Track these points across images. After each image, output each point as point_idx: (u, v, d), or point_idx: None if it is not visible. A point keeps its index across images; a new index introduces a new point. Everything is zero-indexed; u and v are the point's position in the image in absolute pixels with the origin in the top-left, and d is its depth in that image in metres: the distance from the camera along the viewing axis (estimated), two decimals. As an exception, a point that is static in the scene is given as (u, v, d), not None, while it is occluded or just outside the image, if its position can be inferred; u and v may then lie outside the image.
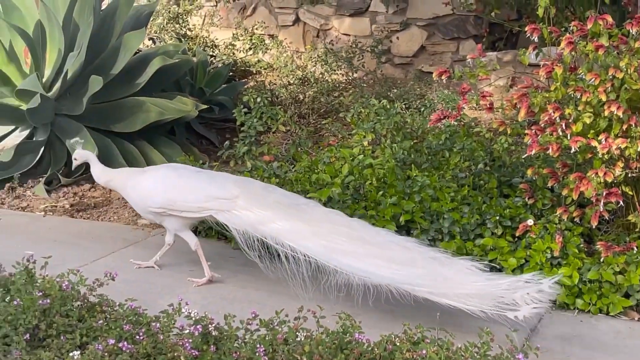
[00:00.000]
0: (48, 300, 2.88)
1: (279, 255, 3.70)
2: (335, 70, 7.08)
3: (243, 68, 7.90)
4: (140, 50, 6.06)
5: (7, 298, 2.90)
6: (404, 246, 3.72)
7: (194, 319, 2.82)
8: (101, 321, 2.87)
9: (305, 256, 3.63)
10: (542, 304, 3.45)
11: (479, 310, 3.42)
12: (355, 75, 7.34)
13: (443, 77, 4.19)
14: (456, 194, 4.35)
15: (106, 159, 5.29)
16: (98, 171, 4.19)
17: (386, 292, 3.50)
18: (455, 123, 4.70)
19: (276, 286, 3.85)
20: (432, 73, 7.41)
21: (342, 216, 3.88)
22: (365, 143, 5.00)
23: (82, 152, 4.29)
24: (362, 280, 3.53)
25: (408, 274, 3.54)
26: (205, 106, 5.79)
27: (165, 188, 3.96)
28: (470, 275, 3.56)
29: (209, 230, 4.54)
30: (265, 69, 7.84)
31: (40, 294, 2.92)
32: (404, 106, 6.05)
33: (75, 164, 4.33)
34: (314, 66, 7.15)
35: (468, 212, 4.20)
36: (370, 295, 3.50)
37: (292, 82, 6.90)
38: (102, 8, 5.89)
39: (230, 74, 7.16)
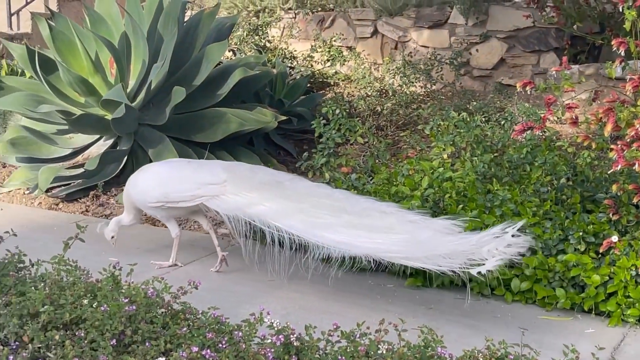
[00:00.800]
0: (134, 307, 2.93)
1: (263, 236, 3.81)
2: (413, 83, 7.06)
3: (321, 80, 7.93)
4: (222, 62, 6.13)
5: (95, 304, 2.95)
6: (383, 211, 3.77)
7: (276, 328, 2.84)
8: (185, 329, 2.90)
9: (289, 234, 3.73)
10: (506, 256, 3.48)
11: (448, 270, 3.48)
12: (433, 87, 7.31)
13: (527, 89, 4.14)
14: (538, 208, 4.30)
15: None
16: (124, 219, 4.40)
17: (367, 261, 3.66)
18: (540, 134, 4.64)
19: (357, 298, 3.87)
20: (512, 86, 7.41)
21: (325, 187, 4.00)
22: (445, 156, 4.98)
23: (105, 229, 4.39)
24: (342, 252, 3.64)
25: (385, 241, 3.59)
26: (284, 117, 5.83)
27: (160, 182, 4.15)
28: (447, 235, 3.60)
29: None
30: (343, 80, 7.87)
31: (126, 300, 2.97)
32: (483, 119, 6.00)
33: (112, 241, 4.42)
34: (393, 78, 7.14)
35: (550, 227, 4.14)
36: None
37: (370, 94, 6.90)
38: (185, 20, 5.99)
39: (308, 85, 7.20)
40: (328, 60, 7.64)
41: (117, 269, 3.27)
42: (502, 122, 5.66)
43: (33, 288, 3.10)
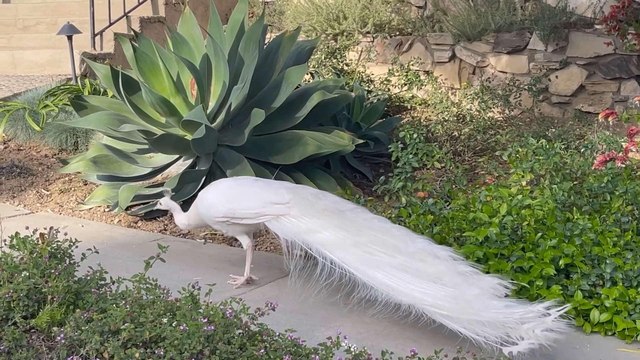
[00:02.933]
0: (212, 327, 2.96)
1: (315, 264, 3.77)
2: (491, 108, 7.01)
3: (397, 103, 7.94)
4: (300, 85, 6.18)
5: (174, 323, 2.99)
6: (436, 256, 3.67)
7: (353, 353, 2.83)
8: (262, 350, 2.92)
9: (341, 268, 3.71)
10: (541, 341, 3.31)
11: (483, 340, 3.34)
12: (511, 113, 7.24)
13: (610, 119, 4.08)
14: (619, 239, 4.22)
15: (264, 190, 5.43)
16: (182, 218, 4.49)
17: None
18: (622, 165, 4.56)
19: (432, 324, 3.84)
20: (591, 113, 7.30)
21: (384, 222, 3.90)
22: (524, 183, 4.92)
23: (169, 202, 4.56)
24: (389, 297, 3.59)
25: (433, 293, 3.51)
26: (361, 141, 5.84)
27: (227, 198, 4.20)
28: (491, 299, 3.46)
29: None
30: (419, 105, 7.85)
31: (205, 320, 3.00)
32: (562, 146, 5.92)
33: (157, 206, 4.61)
34: (470, 103, 7.10)
35: (631, 258, 4.06)
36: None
37: (447, 118, 6.87)
38: (265, 43, 6.06)
39: (385, 109, 7.20)
40: (405, 84, 7.64)
41: (196, 289, 3.31)
42: (582, 150, 5.57)
43: (114, 305, 3.15)
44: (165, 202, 4.58)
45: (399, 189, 5.22)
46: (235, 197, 4.21)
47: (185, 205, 5.52)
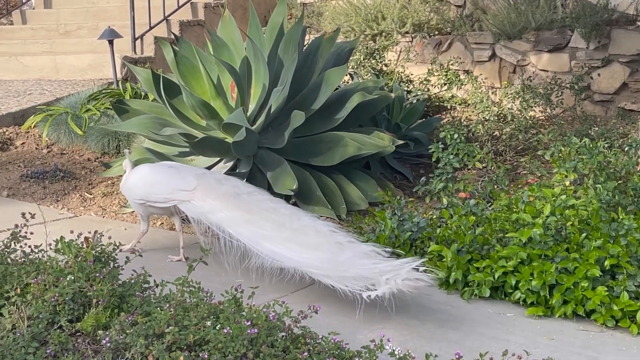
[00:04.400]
0: (255, 330, 2.97)
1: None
2: (532, 107, 6.95)
3: (437, 103, 7.90)
4: (339, 86, 6.17)
5: (218, 326, 3.00)
6: (318, 230, 4.19)
7: (397, 356, 2.82)
8: (305, 353, 2.92)
9: (237, 240, 4.22)
10: (400, 287, 3.76)
11: (348, 290, 3.83)
12: (553, 112, 7.17)
13: (655, 116, 4.02)
14: (665, 238, 4.16)
15: (304, 192, 5.45)
16: (122, 184, 4.86)
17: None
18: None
19: (476, 326, 3.82)
20: (634, 111, 7.21)
21: (276, 202, 4.45)
22: (567, 183, 4.87)
23: (127, 164, 4.88)
24: (276, 263, 4.06)
25: (311, 257, 4.00)
26: (402, 142, 5.82)
27: (144, 183, 4.68)
28: (361, 259, 3.95)
29: (405, 266, 4.54)
30: (459, 104, 7.81)
31: (248, 323, 3.01)
32: (605, 145, 5.85)
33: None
34: (512, 102, 7.04)
35: (678, 259, 4.00)
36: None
37: (488, 118, 6.82)
38: (304, 45, 6.06)
39: (425, 109, 7.17)
40: (445, 84, 7.60)
41: (239, 292, 3.32)
42: (626, 149, 5.50)
43: (158, 309, 3.18)
44: (125, 163, 4.89)
45: (440, 190, 5.19)
46: (150, 183, 4.67)
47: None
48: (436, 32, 8.79)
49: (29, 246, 3.72)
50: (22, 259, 3.63)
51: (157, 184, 4.64)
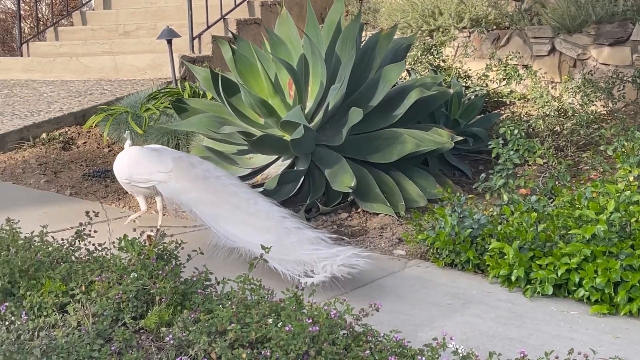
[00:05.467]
0: (317, 328, 2.97)
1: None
2: (593, 102, 6.84)
3: (495, 99, 7.82)
4: (397, 83, 6.14)
5: (279, 323, 3.01)
6: (268, 214, 4.52)
7: (460, 354, 2.80)
8: (367, 351, 2.92)
9: (201, 220, 4.54)
10: (336, 273, 3.97)
11: (289, 274, 4.03)
12: (615, 106, 7.05)
13: None
14: None
15: (363, 189, 5.45)
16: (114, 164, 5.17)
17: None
18: None
19: (538, 324, 3.77)
20: (700, 104, 7.03)
21: (239, 187, 4.76)
22: (631, 178, 4.78)
23: (126, 144, 5.16)
24: (229, 243, 4.33)
25: (260, 239, 4.06)
26: (460, 138, 5.76)
27: (129, 164, 4.97)
28: (305, 244, 4.21)
29: (466, 263, 4.51)
30: (518, 99, 7.72)
31: (309, 321, 3.01)
32: (670, 139, 5.73)
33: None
34: (572, 97, 6.94)
35: None
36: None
37: (548, 113, 6.73)
38: (362, 41, 6.05)
39: (483, 104, 7.10)
40: (503, 79, 7.52)
41: (300, 289, 3.32)
42: (692, 144, 5.38)
43: (220, 306, 3.20)
44: (125, 145, 5.17)
45: (501, 187, 5.14)
46: (133, 164, 4.96)
47: (284, 205, 5.57)
48: (494, 27, 8.70)
49: (93, 244, 3.78)
50: (87, 257, 3.69)
51: (139, 165, 4.93)
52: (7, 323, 3.07)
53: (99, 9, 11.42)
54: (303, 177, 5.71)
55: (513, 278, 4.21)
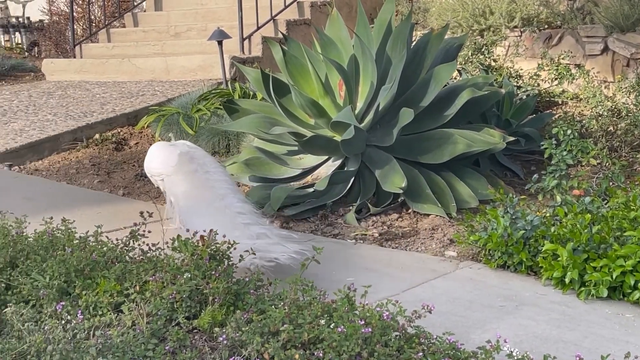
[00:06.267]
0: (369, 329, 2.96)
1: None
2: (648, 101, 6.73)
3: (547, 99, 7.73)
4: (448, 83, 6.11)
5: (332, 324, 3.01)
6: (225, 208, 4.63)
7: (515, 357, 2.77)
8: (420, 353, 2.90)
9: (180, 212, 4.66)
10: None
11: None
12: (671, 106, 6.92)
13: None
14: None
15: (413, 190, 5.43)
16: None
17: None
18: None
19: (593, 327, 3.72)
20: None
21: (219, 182, 4.82)
22: (687, 179, 4.70)
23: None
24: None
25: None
26: (512, 138, 5.71)
27: (148, 159, 5.05)
28: (245, 239, 4.21)
29: (518, 265, 4.47)
30: (571, 99, 7.63)
31: (362, 322, 3.01)
32: None
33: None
34: (627, 96, 6.83)
35: None
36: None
37: (601, 113, 6.64)
38: (412, 41, 6.03)
39: (535, 104, 7.03)
40: (555, 79, 7.43)
41: (352, 290, 3.32)
42: None
43: (272, 307, 3.21)
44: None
45: (554, 187, 5.08)
46: (151, 160, 5.04)
47: (335, 205, 5.58)
48: (546, 26, 8.61)
49: (147, 244, 3.82)
50: (141, 257, 3.73)
51: (154, 160, 5.04)
52: (63, 322, 3.11)
53: (151, 10, 11.54)
54: (353, 178, 5.71)
55: (567, 280, 4.16)
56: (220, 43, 8.06)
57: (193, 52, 9.64)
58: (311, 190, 5.63)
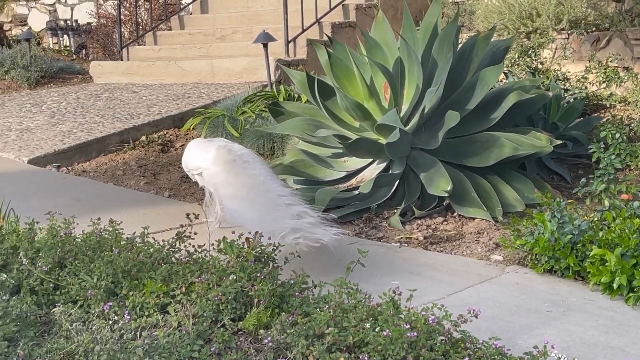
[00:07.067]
0: (414, 333, 2.95)
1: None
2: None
3: (595, 102, 7.64)
4: (494, 86, 6.06)
5: (377, 328, 3.00)
6: (267, 192, 4.76)
7: (562, 364, 2.74)
8: (466, 358, 2.89)
9: (221, 200, 4.88)
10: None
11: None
12: None
13: None
14: None
15: (459, 193, 5.40)
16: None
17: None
18: None
19: (642, 334, 3.67)
20: None
21: (258, 170, 4.95)
22: None
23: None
24: (231, 219, 4.67)
25: (252, 214, 4.55)
26: (559, 142, 5.65)
27: (185, 154, 5.30)
28: (287, 219, 4.46)
29: (566, 270, 4.42)
30: (619, 102, 7.53)
31: (407, 326, 3.00)
32: None
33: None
34: (676, 100, 6.74)
35: None
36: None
37: (650, 116, 6.55)
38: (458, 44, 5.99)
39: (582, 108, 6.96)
40: (603, 82, 7.35)
41: (397, 294, 3.31)
42: None
43: (317, 309, 3.21)
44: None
45: (602, 192, 5.02)
46: (188, 154, 5.28)
47: (379, 208, 5.57)
48: (593, 29, 8.51)
49: (193, 246, 3.84)
50: (187, 259, 3.75)
51: (191, 154, 5.24)
52: (110, 322, 3.15)
53: (197, 13, 11.63)
54: (398, 181, 5.69)
55: (615, 286, 4.10)
56: (265, 46, 8.09)
57: (238, 54, 9.69)
58: (356, 192, 5.62)
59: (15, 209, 4.35)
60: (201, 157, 5.14)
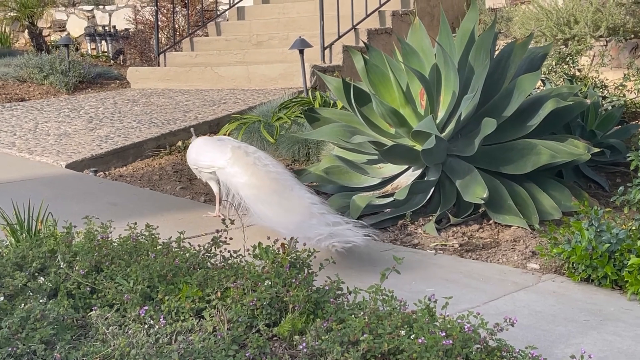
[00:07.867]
0: (450, 341, 2.94)
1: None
2: None
3: (633, 109, 7.57)
4: (531, 93, 6.02)
5: (412, 335, 2.99)
6: (299, 198, 4.95)
7: (600, 374, 2.71)
8: (502, 367, 2.87)
9: (244, 200, 5.04)
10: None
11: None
12: None
13: None
14: None
15: (495, 200, 5.37)
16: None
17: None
18: None
19: None
20: None
21: (280, 174, 5.15)
22: None
23: (192, 138, 5.77)
24: (260, 221, 4.86)
25: (287, 219, 4.74)
26: (597, 149, 5.60)
27: (196, 152, 5.48)
28: (322, 226, 4.62)
29: (603, 279, 4.37)
30: (658, 110, 7.46)
31: (443, 334, 2.98)
32: None
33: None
34: None
35: None
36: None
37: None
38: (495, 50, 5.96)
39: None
40: (642, 89, 7.28)
41: (432, 301, 3.29)
42: None
43: (352, 316, 3.20)
44: (192, 139, 5.77)
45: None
46: (200, 152, 5.46)
47: (414, 215, 5.55)
48: (632, 36, 8.43)
49: (228, 251, 3.85)
50: (222, 264, 3.76)
51: (204, 153, 5.40)
52: (146, 326, 3.16)
53: (233, 19, 11.68)
54: (433, 188, 5.67)
55: (653, 295, 4.06)
56: (301, 52, 8.12)
57: (274, 60, 9.72)
58: (391, 199, 5.61)
59: (53, 213, 4.39)
60: (215, 156, 5.29)
